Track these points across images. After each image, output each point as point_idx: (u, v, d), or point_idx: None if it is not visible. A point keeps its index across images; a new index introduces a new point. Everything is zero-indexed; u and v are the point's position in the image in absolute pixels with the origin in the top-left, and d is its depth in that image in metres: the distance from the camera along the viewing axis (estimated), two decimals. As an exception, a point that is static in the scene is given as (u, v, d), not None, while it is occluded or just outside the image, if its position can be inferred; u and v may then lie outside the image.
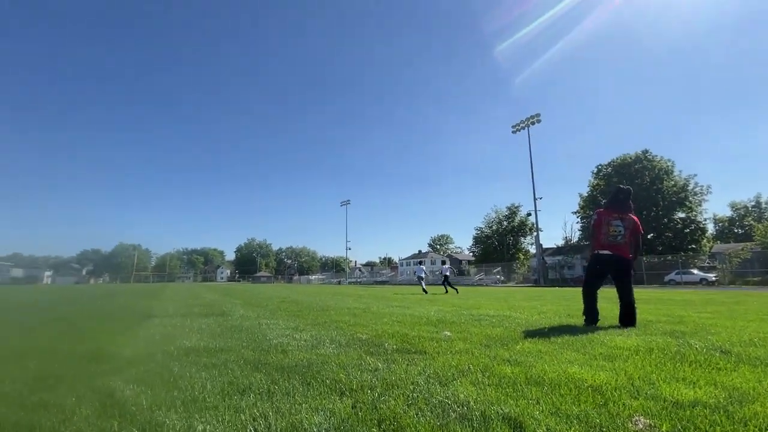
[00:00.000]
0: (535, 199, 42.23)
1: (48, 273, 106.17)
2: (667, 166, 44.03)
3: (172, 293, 18.42)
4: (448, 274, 17.37)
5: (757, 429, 1.60)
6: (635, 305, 4.75)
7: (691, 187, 43.02)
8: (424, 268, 18.13)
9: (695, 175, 43.37)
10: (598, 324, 4.82)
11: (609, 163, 48.10)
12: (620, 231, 4.80)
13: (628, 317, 4.70)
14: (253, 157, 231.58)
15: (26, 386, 2.34)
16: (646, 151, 45.43)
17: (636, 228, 4.86)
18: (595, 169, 49.75)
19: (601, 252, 4.86)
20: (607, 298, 5.93)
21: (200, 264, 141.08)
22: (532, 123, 43.05)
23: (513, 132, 45.22)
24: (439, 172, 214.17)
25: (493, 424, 1.68)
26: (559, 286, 30.78)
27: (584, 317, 4.99)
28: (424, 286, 17.05)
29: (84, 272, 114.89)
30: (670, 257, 37.67)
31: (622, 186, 5.08)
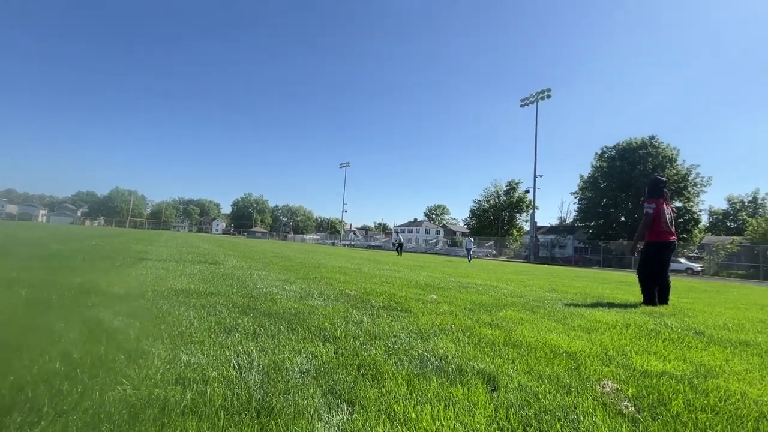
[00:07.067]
0: (535, 176, 41.99)
1: (43, 212, 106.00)
2: (672, 155, 43.57)
3: (167, 240, 18.55)
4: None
5: (717, 399, 1.68)
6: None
7: (692, 177, 42.85)
8: (472, 240, 27.89)
9: (698, 165, 43.15)
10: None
11: (614, 146, 47.44)
12: (670, 218, 5.33)
13: (666, 295, 5.18)
14: (255, 113, 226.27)
15: (17, 311, 2.38)
16: (652, 137, 44.76)
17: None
18: (599, 151, 49.14)
19: (670, 239, 5.26)
20: (599, 279, 6.03)
21: (196, 215, 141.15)
22: (542, 98, 41.97)
23: (521, 106, 44.19)
24: (441, 143, 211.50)
25: (468, 376, 1.75)
26: (548, 264, 31.34)
27: (644, 298, 5.18)
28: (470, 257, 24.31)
29: (79, 213, 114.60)
30: (660, 245, 38.13)
31: (662, 177, 5.46)
